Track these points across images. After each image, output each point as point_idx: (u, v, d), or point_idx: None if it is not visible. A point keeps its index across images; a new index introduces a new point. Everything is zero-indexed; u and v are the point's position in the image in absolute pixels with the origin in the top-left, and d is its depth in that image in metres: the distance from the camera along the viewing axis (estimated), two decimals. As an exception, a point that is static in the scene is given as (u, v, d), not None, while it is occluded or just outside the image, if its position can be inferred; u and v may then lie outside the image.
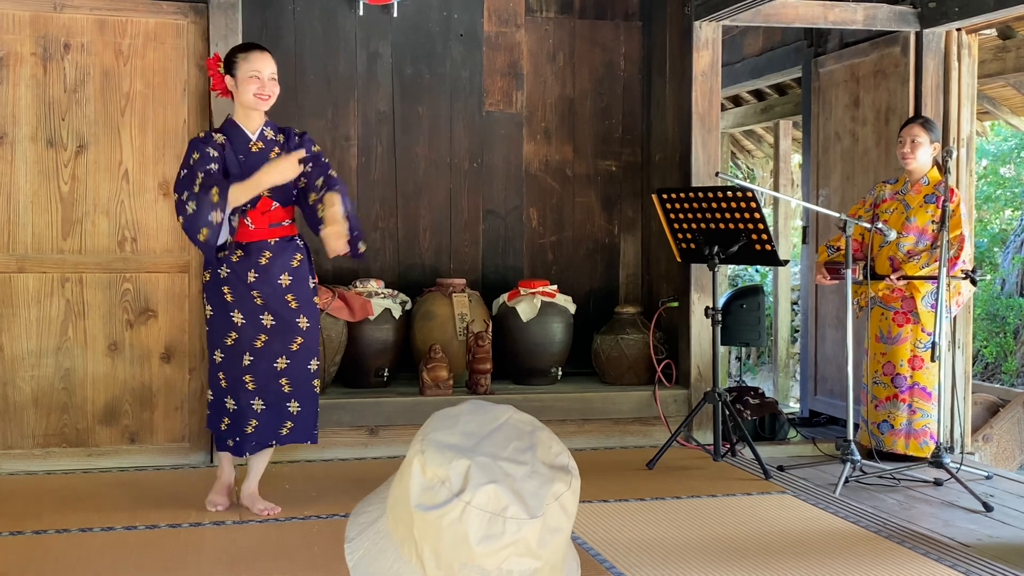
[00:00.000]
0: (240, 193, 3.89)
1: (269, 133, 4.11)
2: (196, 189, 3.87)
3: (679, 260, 5.37)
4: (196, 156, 3.97)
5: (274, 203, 4.06)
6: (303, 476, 4.79)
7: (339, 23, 5.90)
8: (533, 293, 5.72)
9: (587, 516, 4.14)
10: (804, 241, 6.90)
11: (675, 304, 5.81)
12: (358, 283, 5.62)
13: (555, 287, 5.84)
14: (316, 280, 4.20)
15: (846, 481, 4.67)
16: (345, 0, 5.85)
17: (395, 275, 6.02)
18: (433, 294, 5.76)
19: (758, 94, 9.03)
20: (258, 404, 4.07)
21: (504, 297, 5.82)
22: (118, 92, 5.00)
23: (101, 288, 4.99)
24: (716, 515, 4.26)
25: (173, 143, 5.04)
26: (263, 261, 4.02)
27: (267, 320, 4.04)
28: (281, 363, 4.07)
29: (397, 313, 5.58)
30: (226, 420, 4.13)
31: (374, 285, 5.62)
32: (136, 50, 5.00)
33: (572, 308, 5.84)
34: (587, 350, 6.00)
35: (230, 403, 4.10)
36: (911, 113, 5.71)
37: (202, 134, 4.12)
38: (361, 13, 5.86)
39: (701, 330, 5.62)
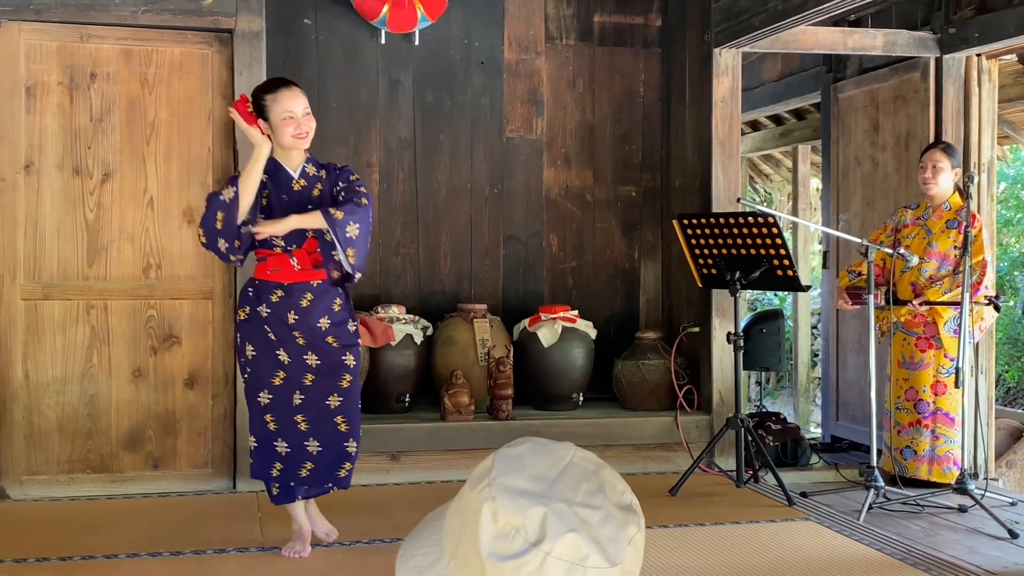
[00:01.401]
0: (247, 178, 3.79)
1: (311, 169, 3.95)
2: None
3: (700, 285, 5.37)
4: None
5: (319, 244, 3.87)
6: (324, 503, 4.78)
7: (361, 52, 5.95)
8: (554, 318, 5.73)
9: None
10: (824, 266, 6.89)
11: (696, 329, 5.81)
12: (379, 308, 5.64)
13: (576, 312, 5.85)
14: (356, 323, 4.04)
15: (870, 508, 4.65)
16: (367, 29, 5.90)
17: (416, 300, 6.04)
18: (454, 319, 5.78)
19: (776, 119, 9.04)
20: (313, 445, 3.91)
21: (525, 322, 5.83)
22: (143, 121, 5.05)
23: (126, 315, 5.02)
24: (740, 542, 4.24)
25: (198, 171, 5.09)
26: (304, 303, 3.88)
27: (311, 360, 3.90)
28: (333, 401, 3.92)
29: (418, 339, 5.60)
30: (278, 465, 3.93)
31: (395, 311, 5.64)
32: (161, 79, 5.06)
33: (593, 333, 5.84)
34: (608, 375, 6.00)
35: (281, 446, 3.92)
36: (931, 138, 5.71)
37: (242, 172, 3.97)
38: (383, 41, 5.91)
39: (723, 355, 5.62)
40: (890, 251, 4.97)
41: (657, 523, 4.47)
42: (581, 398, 5.80)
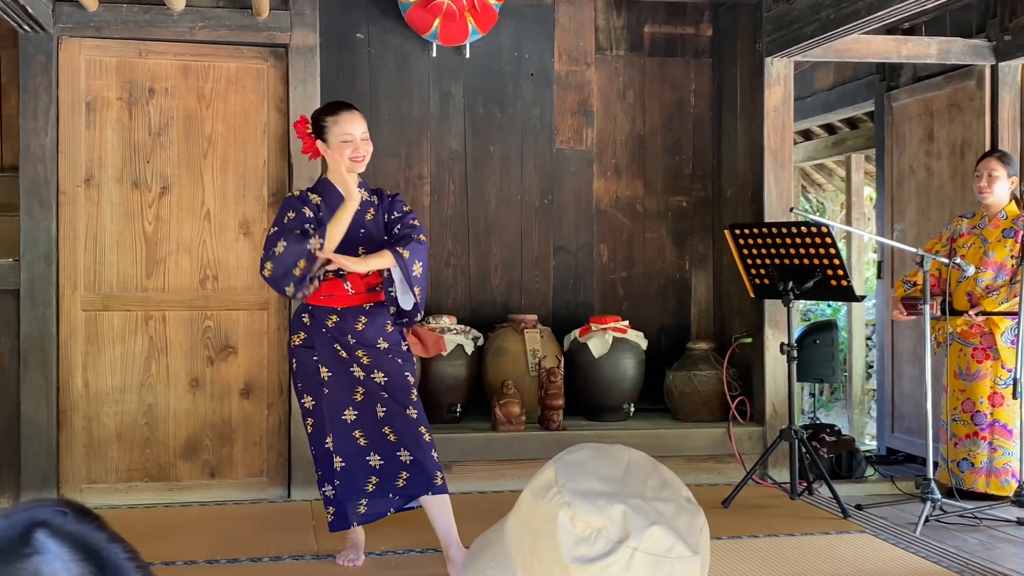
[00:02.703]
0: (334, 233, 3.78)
1: (363, 194, 3.92)
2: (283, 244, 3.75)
3: (753, 296, 5.35)
4: (291, 215, 3.81)
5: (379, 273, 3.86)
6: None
7: (413, 65, 6.00)
8: (604, 329, 5.73)
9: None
10: (879, 276, 6.83)
11: (748, 340, 5.77)
12: (431, 319, 5.67)
13: (626, 323, 5.84)
14: (407, 343, 4.02)
15: (926, 520, 4.59)
16: (419, 42, 5.95)
17: (467, 311, 6.07)
18: (505, 330, 5.80)
19: (828, 128, 8.97)
20: (405, 455, 3.83)
21: (576, 333, 5.83)
22: (200, 135, 5.13)
23: (183, 325, 5.10)
24: (795, 555, 4.21)
25: (253, 183, 5.16)
26: (359, 327, 3.86)
27: (379, 378, 3.86)
28: (412, 412, 3.88)
29: (469, 349, 5.62)
30: (373, 480, 3.88)
31: (447, 321, 5.67)
32: (218, 94, 5.14)
33: (644, 344, 5.83)
34: (659, 386, 5.99)
35: (375, 459, 3.87)
36: (987, 147, 5.64)
37: (297, 192, 3.96)
38: (434, 55, 5.96)
39: (776, 366, 5.58)
40: (946, 261, 4.92)
41: (710, 535, 4.43)
42: (632, 409, 5.78)
